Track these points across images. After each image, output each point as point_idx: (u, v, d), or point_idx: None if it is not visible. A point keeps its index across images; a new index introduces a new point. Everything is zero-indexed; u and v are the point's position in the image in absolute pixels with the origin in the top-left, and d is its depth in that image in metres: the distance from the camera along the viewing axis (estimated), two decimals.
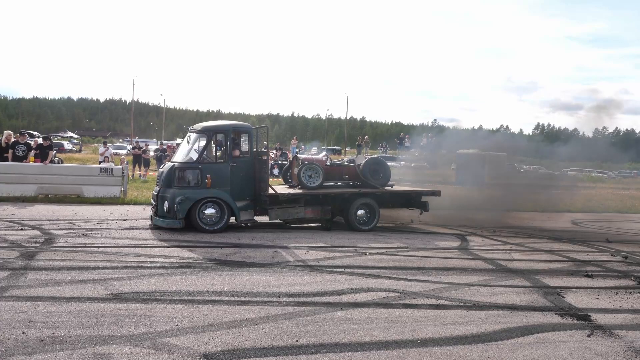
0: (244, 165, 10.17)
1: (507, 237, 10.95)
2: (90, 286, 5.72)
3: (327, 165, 11.43)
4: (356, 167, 11.53)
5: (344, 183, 11.59)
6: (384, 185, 11.42)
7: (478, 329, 4.89)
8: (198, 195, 9.58)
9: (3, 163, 14.08)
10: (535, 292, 6.39)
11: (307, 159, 11.59)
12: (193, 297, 5.49)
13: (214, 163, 10.00)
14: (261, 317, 4.92)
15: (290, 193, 10.66)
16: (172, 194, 9.59)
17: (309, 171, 10.92)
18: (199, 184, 9.71)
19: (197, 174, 9.73)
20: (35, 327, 4.41)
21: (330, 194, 10.85)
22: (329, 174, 11.36)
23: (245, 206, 10.08)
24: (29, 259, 6.83)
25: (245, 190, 10.13)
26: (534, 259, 8.64)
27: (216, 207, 9.69)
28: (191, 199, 9.50)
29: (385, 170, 11.54)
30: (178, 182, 9.72)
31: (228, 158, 10.00)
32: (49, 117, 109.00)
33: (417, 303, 5.65)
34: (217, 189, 9.74)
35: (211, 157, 10.13)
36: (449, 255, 8.65)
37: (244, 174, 10.11)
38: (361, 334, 4.61)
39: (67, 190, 14.16)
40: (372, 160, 11.58)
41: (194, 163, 9.89)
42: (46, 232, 8.87)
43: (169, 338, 4.30)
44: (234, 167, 9.96)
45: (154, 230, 9.55)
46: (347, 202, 10.82)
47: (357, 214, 10.81)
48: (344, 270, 7.08)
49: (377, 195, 11.13)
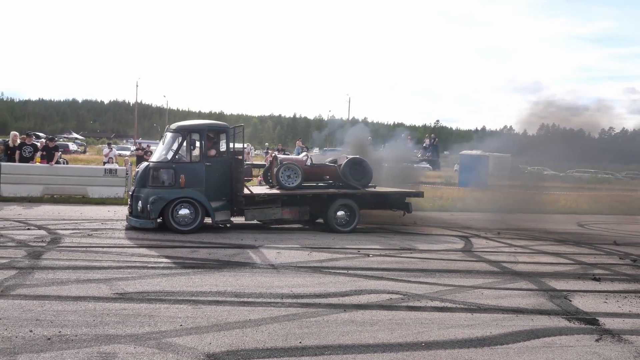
0: (220, 165, 10.00)
1: (511, 239, 10.92)
2: (95, 286, 5.75)
3: (307, 165, 11.28)
4: (337, 168, 11.39)
5: (325, 184, 11.45)
6: (365, 186, 11.21)
7: (483, 332, 4.88)
8: (171, 195, 9.49)
9: (10, 164, 14.17)
10: (541, 296, 6.37)
11: (285, 159, 11.50)
12: (197, 297, 5.51)
13: (188, 163, 9.88)
14: (264, 318, 4.93)
15: (267, 193, 10.51)
16: (145, 193, 9.52)
17: (287, 171, 10.77)
18: (172, 183, 9.61)
19: (171, 174, 9.62)
20: (42, 325, 4.44)
21: (308, 195, 10.69)
22: (309, 175, 11.18)
23: (221, 207, 9.91)
24: (36, 259, 6.87)
25: (221, 190, 9.95)
26: (540, 262, 8.62)
27: (190, 208, 9.57)
28: (164, 199, 9.41)
29: (366, 171, 11.29)
30: (152, 182, 9.64)
31: (203, 158, 9.88)
32: (55, 118, 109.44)
33: (421, 305, 5.65)
34: (191, 188, 9.62)
35: (186, 156, 10.02)
36: (453, 257, 8.64)
37: (219, 174, 9.94)
38: (365, 336, 4.61)
39: (72, 190, 14.25)
40: (352, 161, 11.30)
41: (168, 163, 9.74)
42: (52, 232, 8.92)
43: (173, 338, 4.32)
44: (209, 167, 9.83)
45: (158, 231, 9.54)
46: (326, 203, 10.65)
47: (337, 215, 10.63)
48: (347, 271, 7.08)
49: (357, 196, 10.93)
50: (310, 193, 10.75)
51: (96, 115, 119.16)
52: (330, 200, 10.65)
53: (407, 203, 11.49)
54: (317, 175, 11.41)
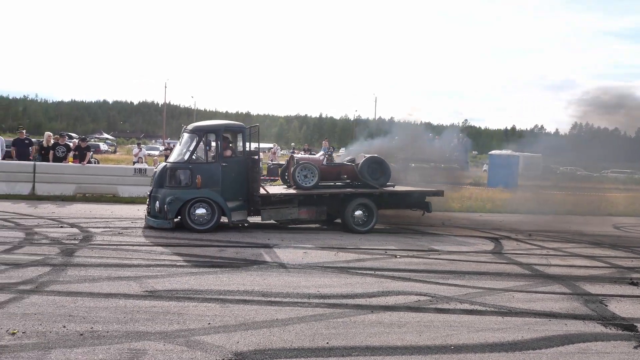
0: (236, 165, 10.01)
1: (543, 242, 10.66)
2: (125, 283, 5.84)
3: (324, 165, 11.19)
4: (354, 167, 11.28)
5: (343, 183, 11.37)
6: (384, 185, 11.07)
7: (514, 336, 4.77)
8: (188, 195, 9.55)
9: (44, 164, 14.55)
10: (575, 300, 6.19)
11: (302, 158, 11.43)
12: (224, 296, 5.54)
13: (204, 163, 9.91)
14: (292, 318, 4.93)
15: (283, 193, 10.45)
16: (163, 194, 9.61)
17: (304, 171, 10.67)
18: (189, 184, 9.68)
19: (188, 174, 9.69)
20: (75, 321, 4.53)
21: (325, 194, 10.60)
22: (327, 174, 11.11)
23: (237, 206, 9.92)
24: (69, 256, 7.03)
25: (237, 190, 9.96)
26: (573, 265, 8.39)
27: (207, 207, 9.62)
28: (181, 199, 9.48)
29: (385, 170, 11.13)
30: (169, 182, 9.72)
31: (219, 158, 9.92)
32: (86, 119, 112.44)
33: (449, 308, 5.55)
34: (207, 189, 9.67)
35: (202, 157, 10.07)
36: (483, 259, 8.48)
37: (235, 174, 9.96)
38: (392, 338, 4.55)
39: (103, 189, 14.54)
40: (370, 160, 11.15)
41: (185, 163, 9.80)
42: (84, 230, 9.12)
43: (202, 336, 4.35)
44: (226, 167, 9.85)
45: (185, 230, 9.63)
46: (343, 202, 10.56)
47: (354, 214, 10.51)
48: (374, 272, 7.02)
49: (375, 196, 10.80)
50: (327, 193, 10.67)
51: (126, 116, 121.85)
52: (347, 200, 10.55)
53: (427, 202, 11.33)
54: (335, 175, 11.34)
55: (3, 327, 4.29)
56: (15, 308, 4.80)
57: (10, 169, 14.17)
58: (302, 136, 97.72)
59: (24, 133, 16.29)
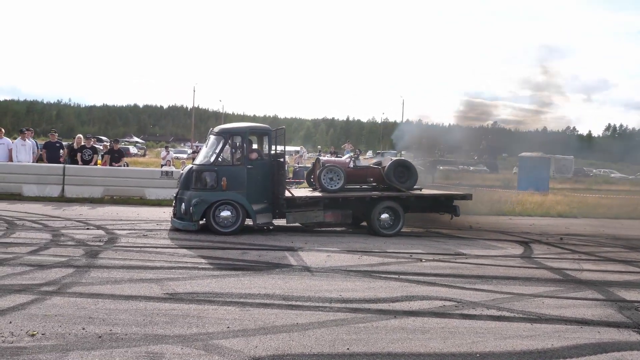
0: (262, 167, 10.00)
1: (575, 246, 10.31)
2: (147, 285, 5.84)
3: (350, 167, 11.08)
4: (381, 170, 11.14)
5: (369, 186, 11.24)
6: (410, 188, 10.91)
7: (544, 344, 4.55)
8: (213, 197, 9.55)
9: (74, 166, 14.81)
10: (609, 306, 5.92)
11: (328, 161, 11.34)
12: (245, 299, 5.47)
13: (230, 165, 9.90)
14: (312, 323, 4.82)
15: (308, 196, 10.36)
16: (188, 195, 9.65)
17: (329, 174, 10.60)
18: (215, 186, 9.68)
19: (214, 177, 9.70)
20: (94, 323, 4.53)
21: (351, 197, 10.48)
22: (352, 177, 11.00)
23: (262, 209, 9.90)
24: (93, 258, 7.09)
25: (262, 193, 9.94)
26: (607, 270, 8.05)
27: (231, 210, 9.60)
28: (206, 201, 9.48)
29: (411, 173, 11.01)
30: (195, 184, 9.74)
31: (245, 160, 9.92)
32: (117, 123, 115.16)
33: (476, 314, 5.36)
34: (233, 191, 9.66)
35: (228, 159, 10.06)
36: (511, 263, 8.22)
37: (261, 177, 9.94)
38: (415, 345, 4.40)
39: (131, 192, 14.73)
40: (397, 162, 11.09)
41: (210, 165, 9.82)
42: (110, 232, 9.22)
43: (220, 340, 4.28)
44: (251, 170, 9.83)
45: (209, 233, 9.64)
46: (369, 205, 10.43)
47: (381, 217, 10.39)
48: (398, 276, 6.86)
49: (402, 199, 10.65)
50: (353, 196, 10.56)
51: (156, 119, 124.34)
52: (373, 203, 10.43)
53: (454, 206, 11.08)
54: (361, 178, 11.24)
55: (23, 328, 4.31)
56: (37, 309, 4.83)
57: (40, 172, 14.48)
58: (329, 139, 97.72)
59: (56, 136, 16.63)
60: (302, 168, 20.40)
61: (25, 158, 14.81)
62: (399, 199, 10.62)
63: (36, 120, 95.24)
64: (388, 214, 10.47)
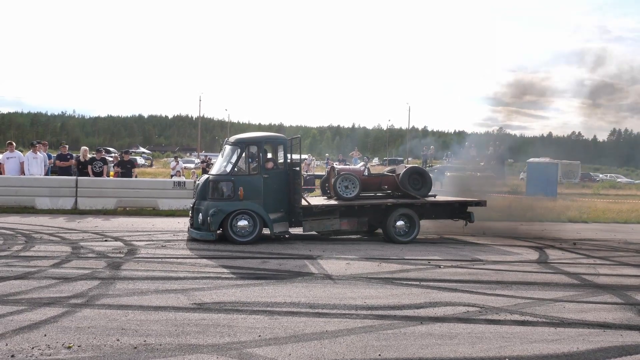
0: (278, 177, 10.08)
1: (589, 250, 10.35)
2: (174, 296, 5.93)
3: (365, 175, 11.18)
4: (395, 177, 11.21)
5: (383, 194, 11.31)
6: (425, 196, 10.97)
7: (569, 347, 4.62)
8: (230, 207, 9.63)
9: (86, 178, 14.94)
10: (629, 310, 5.98)
11: (343, 169, 11.42)
12: (272, 308, 5.56)
13: (246, 175, 9.97)
14: (341, 330, 4.90)
15: (324, 205, 10.44)
16: (206, 206, 9.72)
17: (344, 182, 10.66)
18: (232, 196, 9.75)
19: (230, 186, 9.77)
20: (127, 334, 4.61)
21: (366, 205, 10.55)
22: (367, 185, 11.09)
23: (279, 218, 9.98)
24: (116, 269, 7.19)
25: (278, 202, 10.02)
26: (623, 274, 8.11)
27: (249, 219, 9.69)
28: (223, 211, 9.56)
29: (426, 180, 11.07)
30: (212, 195, 9.81)
31: (261, 170, 10.00)
32: (122, 133, 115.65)
33: (500, 319, 5.43)
34: (249, 200, 9.74)
35: (244, 169, 10.14)
36: (528, 268, 8.28)
37: (277, 186, 10.02)
38: (445, 350, 4.48)
39: (144, 203, 14.85)
40: (412, 170, 11.16)
41: (227, 175, 9.90)
42: (128, 244, 9.32)
43: (254, 348, 4.37)
44: (267, 179, 9.91)
45: (227, 242, 9.73)
46: (384, 213, 10.50)
47: (396, 225, 10.46)
48: (419, 283, 6.93)
49: (417, 206, 10.73)
50: (369, 204, 10.62)
51: (161, 129, 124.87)
52: (389, 211, 10.50)
53: (469, 213, 11.18)
54: (375, 186, 11.33)
55: (59, 341, 4.39)
56: (69, 322, 4.91)
57: (53, 184, 14.61)
58: (334, 147, 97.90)
59: (67, 148, 16.81)
60: (311, 176, 20.51)
61: (37, 171, 14.96)
62: (414, 206, 10.70)
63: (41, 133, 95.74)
64: (403, 221, 10.55)
